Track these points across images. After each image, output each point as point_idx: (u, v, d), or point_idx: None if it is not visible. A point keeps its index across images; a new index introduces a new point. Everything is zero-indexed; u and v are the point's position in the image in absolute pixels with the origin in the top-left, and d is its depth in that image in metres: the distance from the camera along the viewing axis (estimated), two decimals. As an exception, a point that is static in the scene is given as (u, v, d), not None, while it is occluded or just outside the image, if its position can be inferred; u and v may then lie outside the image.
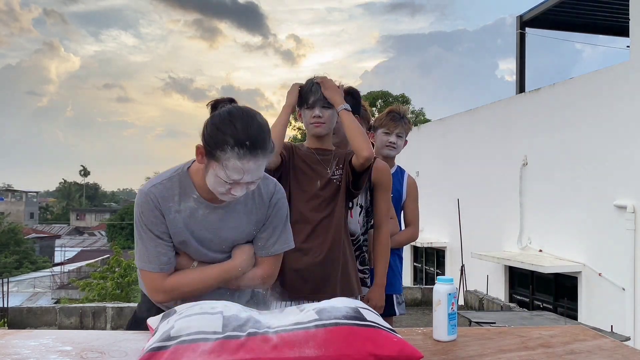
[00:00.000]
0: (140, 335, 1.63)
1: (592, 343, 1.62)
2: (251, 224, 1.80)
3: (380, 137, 3.04)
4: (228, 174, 1.60)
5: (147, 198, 1.70)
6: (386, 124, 3.03)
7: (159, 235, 1.71)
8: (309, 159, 2.41)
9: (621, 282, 8.12)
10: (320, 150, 2.43)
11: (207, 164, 1.64)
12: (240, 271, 1.78)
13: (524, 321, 6.27)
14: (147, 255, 1.71)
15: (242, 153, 1.57)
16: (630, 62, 8.35)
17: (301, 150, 2.44)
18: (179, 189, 1.73)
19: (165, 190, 1.72)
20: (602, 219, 8.54)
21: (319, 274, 2.29)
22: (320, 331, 1.32)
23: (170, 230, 1.72)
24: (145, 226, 1.70)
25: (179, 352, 1.25)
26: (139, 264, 1.74)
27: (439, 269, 14.08)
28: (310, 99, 2.36)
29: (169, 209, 1.71)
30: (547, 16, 12.48)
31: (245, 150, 1.57)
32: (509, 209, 10.81)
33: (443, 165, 13.73)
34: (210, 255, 1.78)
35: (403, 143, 3.09)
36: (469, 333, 1.72)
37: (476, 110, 12.81)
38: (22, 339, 1.57)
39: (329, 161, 2.40)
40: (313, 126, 2.38)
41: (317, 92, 2.35)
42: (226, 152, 1.57)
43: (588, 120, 9.00)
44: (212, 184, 1.65)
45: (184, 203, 1.73)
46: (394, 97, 28.02)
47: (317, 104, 2.34)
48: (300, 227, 2.28)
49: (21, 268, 33.08)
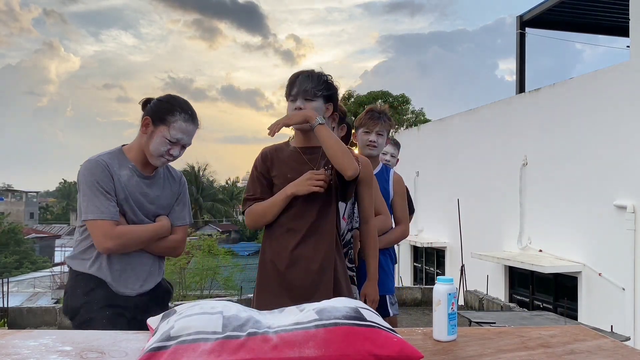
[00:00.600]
0: (140, 335, 1.63)
1: (592, 343, 1.62)
2: (167, 195, 2.37)
3: (361, 136, 3.04)
4: (173, 134, 2.23)
5: (98, 163, 2.20)
6: (365, 123, 3.03)
7: (108, 191, 2.18)
8: (294, 160, 2.30)
9: (621, 282, 8.12)
10: (308, 149, 2.31)
11: (153, 130, 2.24)
12: (167, 230, 2.33)
13: (524, 321, 6.27)
14: (100, 207, 2.15)
15: (186, 117, 2.26)
16: (630, 62, 8.36)
17: (284, 154, 2.33)
18: (117, 160, 2.27)
19: (109, 159, 2.24)
20: (602, 219, 8.54)
21: (309, 285, 2.20)
22: (320, 331, 1.32)
23: (116, 188, 2.21)
24: (98, 184, 2.16)
25: (179, 352, 1.25)
26: (93, 216, 2.15)
27: (439, 269, 14.08)
28: (293, 91, 2.27)
29: (114, 172, 2.22)
30: (547, 16, 12.49)
31: (189, 116, 2.27)
32: (509, 209, 10.82)
33: (443, 165, 13.73)
34: (140, 217, 2.27)
35: (385, 141, 3.09)
36: (469, 333, 1.72)
37: (476, 110, 12.81)
38: (22, 339, 1.57)
39: (317, 160, 2.29)
40: None
41: (301, 84, 2.26)
42: (175, 115, 2.24)
43: (588, 120, 9.00)
44: (156, 146, 2.24)
45: (122, 171, 2.25)
46: (393, 97, 27.97)
47: (300, 96, 2.25)
48: (291, 234, 2.23)
49: (21, 268, 33.06)
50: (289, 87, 2.30)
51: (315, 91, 2.25)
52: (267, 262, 2.27)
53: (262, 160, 2.33)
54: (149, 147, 2.24)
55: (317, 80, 2.27)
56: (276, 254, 2.24)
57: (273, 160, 2.31)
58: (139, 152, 2.28)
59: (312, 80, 2.26)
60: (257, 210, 2.27)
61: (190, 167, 43.48)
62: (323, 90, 2.27)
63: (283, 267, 2.21)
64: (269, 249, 2.28)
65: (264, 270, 2.29)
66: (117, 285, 2.21)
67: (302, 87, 2.25)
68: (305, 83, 2.25)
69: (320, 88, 2.26)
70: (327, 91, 2.29)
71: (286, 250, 2.22)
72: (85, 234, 2.22)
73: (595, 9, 11.92)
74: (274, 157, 2.32)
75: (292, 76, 2.32)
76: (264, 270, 2.30)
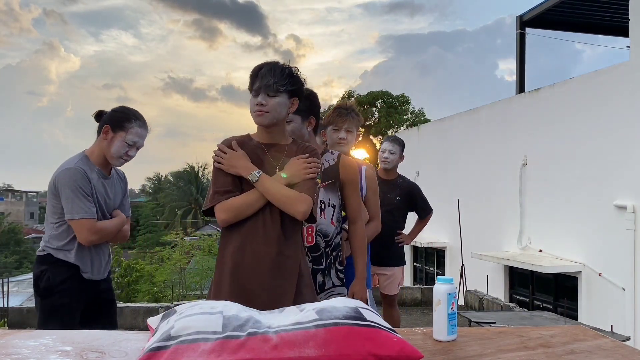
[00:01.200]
0: (140, 335, 1.63)
1: (592, 343, 1.62)
2: (119, 192, 2.87)
3: (330, 134, 3.05)
4: (130, 138, 2.70)
5: (77, 171, 2.63)
6: (334, 121, 3.04)
7: (89, 194, 2.64)
8: (258, 155, 2.16)
9: (621, 282, 8.12)
10: (272, 145, 2.18)
11: (113, 136, 2.70)
12: (126, 221, 2.86)
13: (523, 321, 6.26)
14: (84, 208, 2.61)
15: (140, 124, 2.75)
16: (630, 62, 8.35)
17: (247, 148, 2.17)
18: (88, 166, 2.70)
19: (83, 167, 2.67)
20: (602, 219, 8.54)
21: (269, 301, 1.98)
22: (320, 331, 1.32)
23: (92, 190, 2.66)
24: (81, 188, 2.60)
25: (179, 352, 1.25)
26: (79, 215, 2.60)
27: (439, 269, 14.07)
28: (255, 85, 2.12)
29: (90, 177, 2.67)
30: (547, 16, 12.48)
31: (142, 122, 2.77)
32: (509, 209, 10.81)
33: (443, 165, 13.72)
34: (105, 213, 2.76)
35: (354, 138, 3.10)
36: (469, 333, 1.73)
37: (476, 110, 12.80)
38: (22, 339, 1.57)
39: (281, 158, 2.16)
40: (255, 114, 2.13)
41: (264, 78, 2.10)
42: (131, 122, 2.72)
43: (588, 120, 9.00)
44: (116, 149, 2.70)
45: (92, 174, 2.69)
46: (393, 97, 27.97)
47: (262, 91, 2.10)
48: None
49: (21, 268, 33.03)
50: (251, 80, 2.15)
51: (278, 86, 2.10)
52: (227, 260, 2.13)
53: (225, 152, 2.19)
54: (110, 150, 2.70)
55: (281, 73, 2.12)
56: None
57: (242, 146, 2.18)
58: (100, 156, 2.74)
59: (275, 74, 2.11)
60: (237, 205, 2.07)
61: (190, 167, 43.46)
62: (287, 85, 2.13)
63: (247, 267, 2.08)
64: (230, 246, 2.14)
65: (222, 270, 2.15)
66: (91, 272, 2.72)
67: (265, 81, 2.10)
68: (268, 77, 2.10)
69: (284, 82, 2.12)
70: (291, 86, 2.14)
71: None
72: (61, 229, 2.66)
73: (595, 9, 11.91)
74: (238, 149, 2.17)
75: (255, 68, 2.16)
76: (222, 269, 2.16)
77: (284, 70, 2.14)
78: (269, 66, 2.14)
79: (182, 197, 41.24)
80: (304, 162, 2.13)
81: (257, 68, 2.15)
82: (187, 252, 14.22)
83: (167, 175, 47.28)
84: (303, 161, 2.13)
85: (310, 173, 2.12)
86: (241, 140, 2.19)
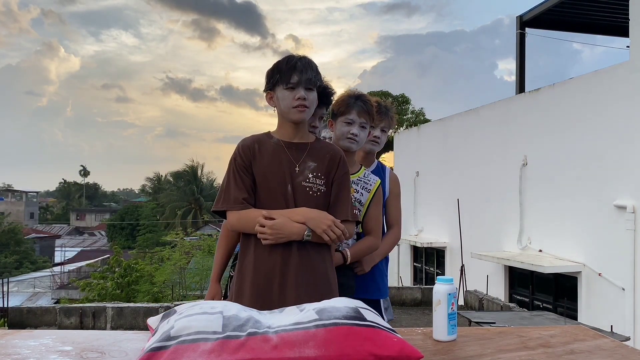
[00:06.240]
0: (140, 335, 1.63)
1: (592, 343, 1.62)
2: None
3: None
4: None
5: None
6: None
7: None
8: (276, 154, 2.01)
9: (621, 282, 8.12)
10: (292, 144, 2.03)
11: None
12: None
13: (523, 321, 6.27)
14: None
15: None
16: (630, 62, 8.36)
17: (265, 147, 2.03)
18: None
19: None
20: (602, 219, 8.54)
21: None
22: (320, 331, 1.32)
23: None
24: None
25: (179, 352, 1.25)
26: None
27: (439, 269, 14.07)
28: (292, 78, 1.97)
29: None
30: (547, 16, 12.50)
31: None
32: (509, 209, 10.81)
33: (443, 165, 13.72)
34: None
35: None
36: (469, 333, 1.73)
37: (476, 110, 12.81)
38: (22, 339, 1.57)
39: (301, 158, 2.01)
40: (296, 110, 1.98)
41: (303, 72, 1.98)
42: None
43: (588, 120, 9.00)
44: None
45: None
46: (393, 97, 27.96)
47: (302, 85, 1.97)
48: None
49: (21, 268, 33.06)
50: (286, 74, 1.98)
51: (316, 80, 2.02)
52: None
53: (245, 152, 2.01)
54: None
55: (316, 68, 2.05)
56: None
57: (254, 152, 2.01)
58: None
59: (313, 68, 2.02)
60: (252, 220, 1.93)
61: (189, 167, 43.45)
62: (320, 80, 2.07)
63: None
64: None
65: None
66: None
67: (306, 75, 1.98)
68: (308, 71, 1.99)
69: (319, 77, 2.05)
70: (321, 81, 2.09)
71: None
72: None
73: (594, 9, 11.92)
74: (255, 149, 2.02)
75: (286, 61, 2.01)
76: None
77: (315, 65, 2.06)
78: (305, 60, 2.03)
79: (182, 197, 41.27)
80: (334, 222, 1.94)
81: (290, 61, 2.01)
82: (187, 252, 14.23)
83: (167, 175, 47.31)
84: (333, 221, 1.94)
85: (328, 236, 1.92)
86: (259, 138, 2.06)
